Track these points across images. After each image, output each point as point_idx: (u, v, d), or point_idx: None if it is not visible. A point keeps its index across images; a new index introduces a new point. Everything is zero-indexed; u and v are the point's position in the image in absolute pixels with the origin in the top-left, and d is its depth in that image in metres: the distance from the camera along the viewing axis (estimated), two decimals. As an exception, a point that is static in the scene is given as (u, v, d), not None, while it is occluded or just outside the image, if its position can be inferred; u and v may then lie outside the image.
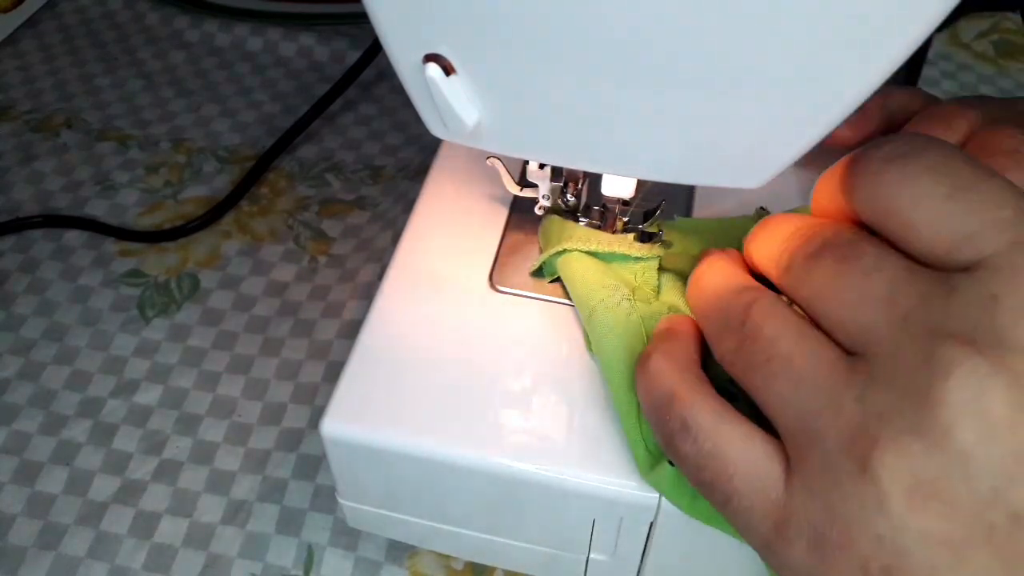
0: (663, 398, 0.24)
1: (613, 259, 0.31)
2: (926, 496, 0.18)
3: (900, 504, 0.19)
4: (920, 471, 0.18)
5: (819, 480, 0.20)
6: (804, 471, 0.21)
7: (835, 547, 0.20)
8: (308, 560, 0.37)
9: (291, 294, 0.47)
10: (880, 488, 0.19)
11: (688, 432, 0.23)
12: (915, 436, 0.19)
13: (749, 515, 0.21)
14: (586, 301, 0.29)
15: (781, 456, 0.21)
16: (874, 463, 0.19)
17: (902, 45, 0.21)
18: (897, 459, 0.19)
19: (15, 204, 0.52)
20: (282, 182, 0.54)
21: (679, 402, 0.23)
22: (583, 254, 0.31)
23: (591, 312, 0.29)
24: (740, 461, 0.22)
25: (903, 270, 0.20)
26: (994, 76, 0.59)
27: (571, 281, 0.31)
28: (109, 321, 0.46)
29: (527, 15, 0.22)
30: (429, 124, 0.27)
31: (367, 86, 0.60)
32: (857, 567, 0.19)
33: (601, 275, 0.30)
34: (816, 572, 0.20)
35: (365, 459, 0.29)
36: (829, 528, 0.20)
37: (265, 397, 0.43)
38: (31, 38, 0.65)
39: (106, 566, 0.37)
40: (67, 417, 0.42)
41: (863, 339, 0.20)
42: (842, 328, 0.21)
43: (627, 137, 0.25)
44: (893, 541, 0.19)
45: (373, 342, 0.31)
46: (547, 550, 0.31)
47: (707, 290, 0.26)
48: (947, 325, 0.19)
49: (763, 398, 0.22)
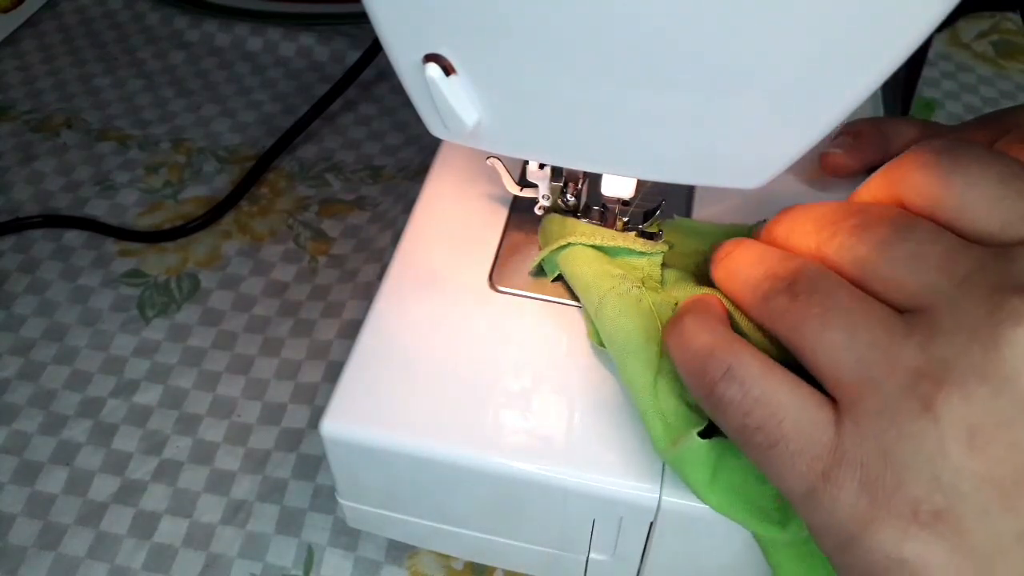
0: (703, 349, 0.24)
1: (618, 253, 0.31)
2: (987, 440, 0.19)
3: (960, 445, 0.19)
4: (983, 414, 0.19)
5: (875, 423, 0.21)
6: (858, 416, 0.21)
7: (887, 489, 0.20)
8: (308, 560, 0.37)
9: (291, 294, 0.47)
10: (941, 429, 0.20)
11: (734, 378, 0.23)
12: (980, 380, 0.19)
13: (796, 459, 0.22)
14: (595, 290, 0.29)
15: (829, 403, 0.22)
16: (938, 404, 0.20)
17: (902, 45, 0.21)
18: (961, 401, 0.20)
19: (15, 204, 0.52)
20: (282, 182, 0.54)
21: (723, 350, 0.24)
22: (587, 248, 0.31)
23: (601, 300, 0.29)
24: (790, 406, 0.22)
25: (957, 242, 0.22)
26: (994, 76, 0.59)
27: (576, 274, 0.30)
28: (109, 321, 0.46)
29: (527, 15, 0.22)
30: (429, 124, 0.27)
31: (367, 86, 0.60)
32: (908, 510, 0.20)
33: (608, 266, 0.30)
34: (862, 515, 0.20)
35: (365, 459, 0.29)
36: (882, 469, 0.20)
37: (265, 397, 0.43)
38: (31, 38, 0.65)
39: (106, 566, 0.37)
40: (67, 417, 0.42)
41: (922, 296, 0.21)
42: (898, 287, 0.22)
43: (627, 137, 0.25)
44: (948, 483, 0.20)
45: (373, 342, 0.31)
46: (547, 550, 0.31)
47: (741, 263, 0.26)
48: (1009, 281, 0.20)
49: (814, 347, 0.22)
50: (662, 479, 0.27)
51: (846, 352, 0.22)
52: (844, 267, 0.23)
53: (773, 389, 0.22)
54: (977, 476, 0.19)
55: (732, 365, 0.23)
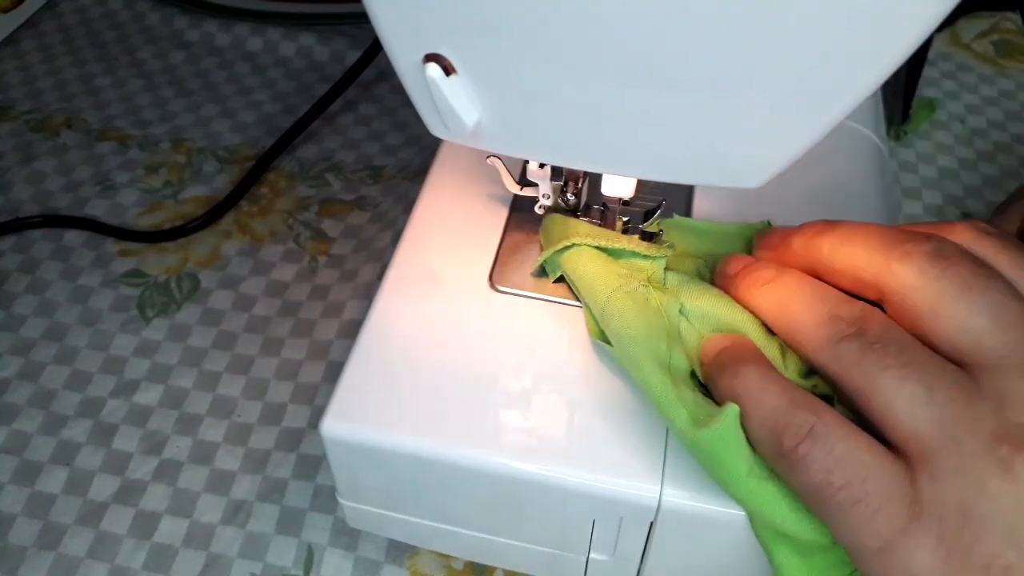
0: (779, 406, 0.24)
1: (621, 255, 0.31)
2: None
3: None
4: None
5: (954, 480, 0.21)
6: (935, 472, 0.22)
7: (964, 544, 0.21)
8: (308, 560, 0.37)
9: (291, 294, 0.47)
10: (1019, 490, 0.21)
11: (818, 437, 0.23)
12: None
13: (876, 517, 0.22)
14: (601, 289, 0.29)
15: (901, 459, 0.22)
16: (1016, 466, 0.21)
17: (902, 45, 0.21)
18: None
19: (15, 204, 0.52)
20: (282, 182, 0.54)
21: (804, 408, 0.23)
22: (591, 248, 0.31)
23: (608, 298, 0.29)
24: (872, 464, 0.22)
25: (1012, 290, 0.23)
26: (994, 76, 0.59)
27: (580, 274, 0.30)
28: (109, 321, 0.46)
29: (528, 15, 0.22)
30: (429, 124, 0.27)
31: (367, 86, 0.60)
32: (981, 563, 0.21)
33: (613, 265, 0.30)
34: (938, 570, 0.21)
35: (365, 459, 0.29)
36: (960, 525, 0.21)
37: (265, 397, 0.43)
38: (31, 38, 0.65)
39: (106, 566, 0.37)
40: (67, 417, 0.42)
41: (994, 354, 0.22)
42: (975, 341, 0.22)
43: (627, 137, 0.25)
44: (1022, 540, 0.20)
45: (373, 342, 0.31)
46: (547, 550, 0.31)
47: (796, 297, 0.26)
48: None
49: (891, 400, 0.22)
50: (662, 479, 0.27)
51: (925, 408, 0.22)
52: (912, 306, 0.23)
53: (855, 446, 0.23)
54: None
55: (816, 424, 0.23)
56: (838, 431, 0.23)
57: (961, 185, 0.52)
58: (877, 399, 0.23)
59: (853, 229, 0.26)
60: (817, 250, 0.27)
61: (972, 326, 0.22)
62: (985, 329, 0.22)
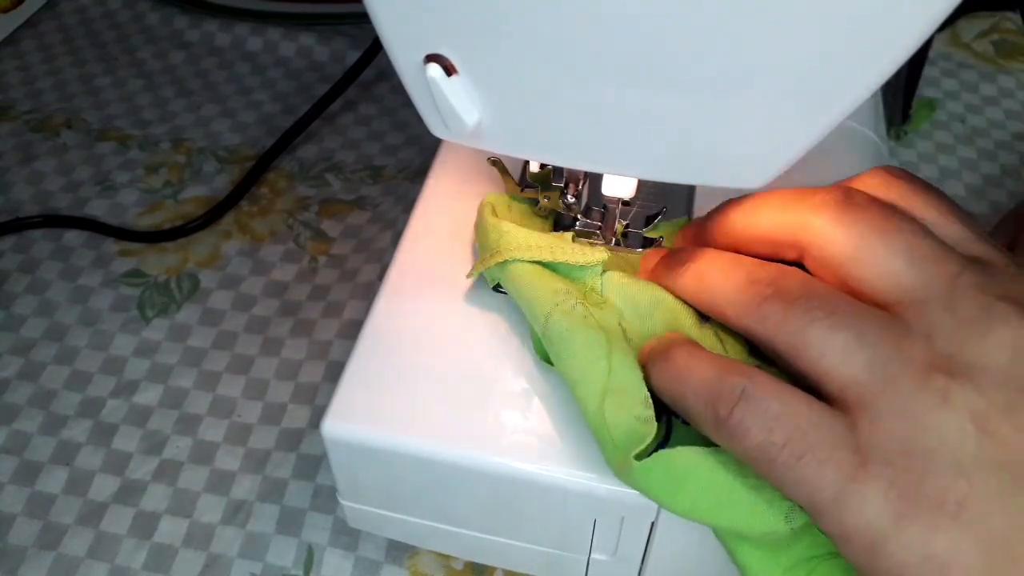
0: (708, 377, 0.24)
1: (555, 268, 0.30)
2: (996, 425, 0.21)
3: (975, 432, 0.20)
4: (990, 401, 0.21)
5: (895, 420, 0.21)
6: (875, 415, 0.22)
7: (914, 480, 0.21)
8: (308, 560, 0.37)
9: (291, 294, 0.47)
10: (959, 418, 0.21)
11: (750, 399, 0.23)
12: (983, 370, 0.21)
13: (823, 468, 0.22)
14: (540, 308, 0.28)
15: (838, 407, 0.22)
16: (953, 395, 0.21)
17: (902, 45, 0.21)
18: (972, 391, 0.21)
19: (15, 204, 0.52)
20: (282, 182, 0.54)
21: (732, 374, 0.23)
22: (525, 263, 0.30)
23: (547, 318, 0.28)
24: (810, 416, 0.22)
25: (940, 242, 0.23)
26: (994, 76, 0.59)
27: (517, 292, 0.30)
28: (109, 321, 0.46)
29: (529, 16, 0.22)
30: (429, 124, 0.27)
31: (367, 86, 0.60)
32: (936, 499, 0.20)
33: (550, 281, 0.29)
34: (893, 510, 0.21)
35: (365, 459, 0.29)
36: (908, 463, 0.21)
37: (265, 397, 0.43)
38: (31, 38, 0.65)
39: (106, 566, 0.37)
40: (67, 417, 0.42)
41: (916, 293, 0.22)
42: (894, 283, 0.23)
43: (628, 137, 0.25)
44: (969, 469, 0.20)
45: (373, 342, 0.31)
46: (548, 550, 0.31)
47: (713, 270, 0.26)
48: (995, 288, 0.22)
49: (822, 351, 0.23)
50: (662, 479, 0.27)
51: (857, 354, 0.22)
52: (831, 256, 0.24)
53: (790, 400, 0.22)
54: (993, 460, 0.20)
55: (746, 386, 0.23)
56: (771, 390, 0.23)
57: (962, 184, 0.52)
58: (809, 353, 0.23)
59: (762, 195, 0.26)
60: (731, 225, 0.27)
61: (891, 267, 0.23)
62: (903, 269, 0.23)
